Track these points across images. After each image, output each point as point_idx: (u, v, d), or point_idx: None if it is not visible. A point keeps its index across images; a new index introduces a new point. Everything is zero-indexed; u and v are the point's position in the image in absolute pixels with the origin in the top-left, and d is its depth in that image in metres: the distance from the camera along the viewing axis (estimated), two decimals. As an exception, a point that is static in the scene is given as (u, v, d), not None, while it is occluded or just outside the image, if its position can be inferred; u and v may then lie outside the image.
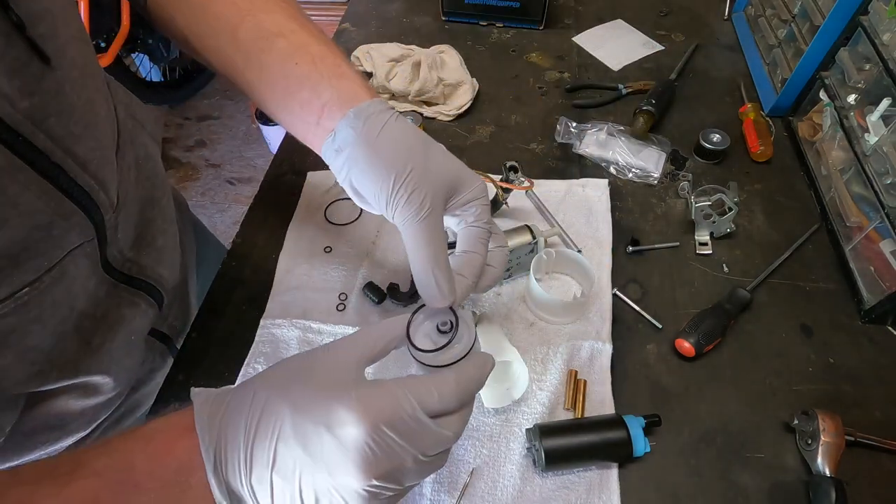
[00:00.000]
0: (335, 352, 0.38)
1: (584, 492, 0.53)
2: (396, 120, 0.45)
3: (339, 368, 0.36)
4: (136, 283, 0.52)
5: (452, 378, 0.37)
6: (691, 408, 0.59)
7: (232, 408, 0.35)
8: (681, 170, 0.81)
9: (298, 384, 0.35)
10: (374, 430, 0.33)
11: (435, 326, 0.42)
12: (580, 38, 1.05)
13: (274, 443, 0.33)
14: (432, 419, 0.35)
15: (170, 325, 0.64)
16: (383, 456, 0.33)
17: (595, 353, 0.62)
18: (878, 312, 0.64)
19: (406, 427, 0.34)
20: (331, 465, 0.32)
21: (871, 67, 0.70)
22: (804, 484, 0.54)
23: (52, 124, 0.38)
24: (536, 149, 0.85)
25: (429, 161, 0.43)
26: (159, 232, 0.56)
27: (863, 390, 0.60)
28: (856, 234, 0.69)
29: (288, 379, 0.36)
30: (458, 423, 0.37)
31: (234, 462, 0.34)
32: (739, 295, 0.65)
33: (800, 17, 0.84)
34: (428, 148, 0.45)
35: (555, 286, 0.68)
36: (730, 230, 0.72)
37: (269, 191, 0.80)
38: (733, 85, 0.94)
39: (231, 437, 0.34)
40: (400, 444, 0.33)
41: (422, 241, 0.42)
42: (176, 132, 2.48)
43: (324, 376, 0.36)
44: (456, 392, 0.36)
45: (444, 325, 0.42)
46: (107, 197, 0.45)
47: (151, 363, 0.63)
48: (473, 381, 0.38)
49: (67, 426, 0.51)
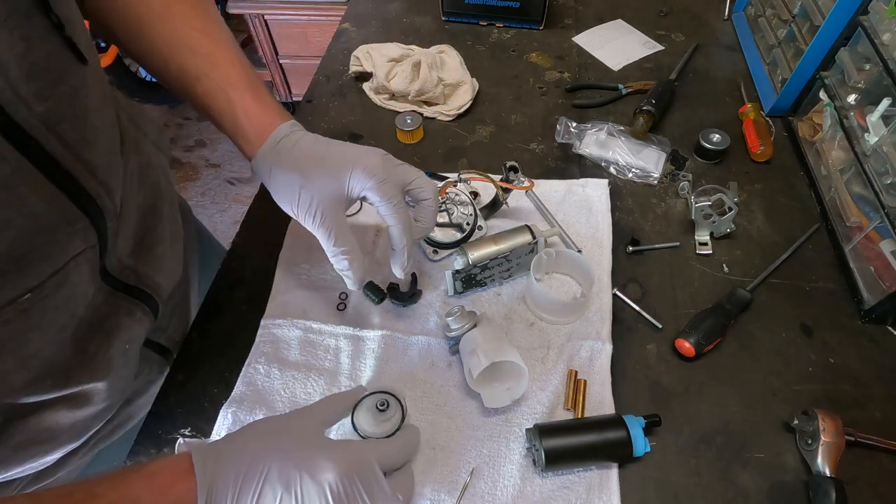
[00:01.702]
0: (306, 417, 0.47)
1: (584, 492, 0.53)
2: (294, 146, 0.54)
3: (309, 429, 0.46)
4: (134, 291, 0.52)
5: (399, 442, 0.50)
6: (691, 408, 0.59)
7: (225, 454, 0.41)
8: (681, 170, 0.81)
9: (285, 437, 0.44)
10: (344, 476, 0.41)
11: (375, 405, 0.52)
12: (580, 38, 1.05)
13: (260, 483, 0.40)
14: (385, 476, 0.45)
15: (168, 337, 0.64)
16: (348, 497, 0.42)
17: (595, 353, 0.62)
18: (878, 312, 0.64)
19: (365, 475, 0.43)
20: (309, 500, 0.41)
21: (871, 67, 0.70)
22: (804, 484, 0.54)
23: (65, 129, 0.38)
24: (536, 149, 0.85)
25: (310, 178, 0.52)
26: (158, 240, 0.56)
27: (863, 390, 0.60)
28: (856, 234, 0.69)
29: (274, 432, 0.44)
30: (404, 483, 0.48)
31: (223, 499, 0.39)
32: (739, 295, 0.65)
33: (800, 17, 0.84)
34: (313, 163, 0.53)
35: (555, 286, 0.68)
36: (730, 230, 0.72)
37: (269, 191, 0.80)
38: (733, 85, 0.94)
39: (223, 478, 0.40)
40: (360, 491, 0.42)
41: (325, 240, 0.53)
42: (176, 132, 2.48)
43: (301, 434, 0.45)
44: (401, 451, 0.49)
45: (381, 404, 0.52)
46: (111, 203, 0.45)
47: (148, 375, 0.62)
48: (412, 445, 0.52)
49: (58, 439, 0.50)
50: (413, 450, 0.52)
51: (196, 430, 0.57)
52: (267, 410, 0.58)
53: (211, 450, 0.42)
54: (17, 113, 0.34)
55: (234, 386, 0.60)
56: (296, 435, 0.44)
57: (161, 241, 0.57)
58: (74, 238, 0.41)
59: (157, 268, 0.55)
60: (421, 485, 0.53)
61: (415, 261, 0.65)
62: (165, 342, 0.63)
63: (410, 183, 0.55)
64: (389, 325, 0.65)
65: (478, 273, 0.65)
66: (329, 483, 0.41)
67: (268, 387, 0.60)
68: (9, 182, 0.34)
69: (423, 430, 0.56)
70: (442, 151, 0.85)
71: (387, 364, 0.61)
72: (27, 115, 0.35)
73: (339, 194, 0.52)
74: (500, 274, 0.67)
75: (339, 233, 0.52)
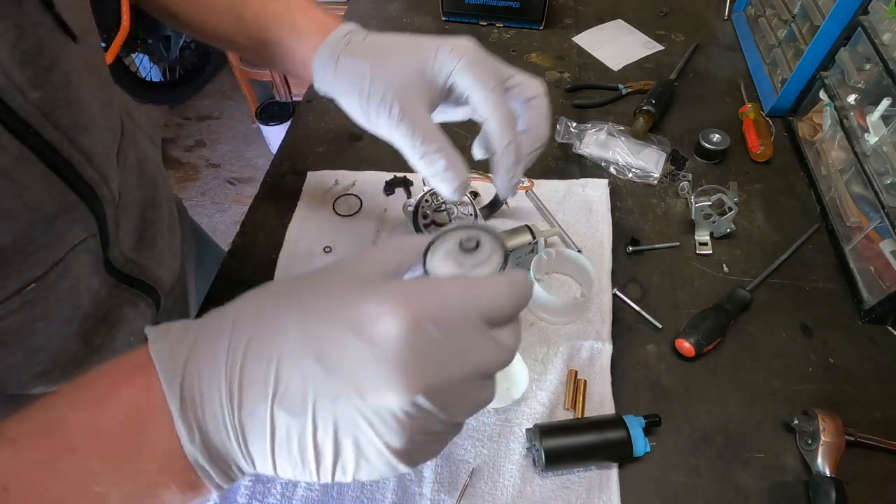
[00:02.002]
0: (349, 263, 0.29)
1: (584, 492, 0.53)
2: (363, 39, 0.44)
3: (359, 273, 0.28)
4: (137, 283, 0.52)
5: (505, 280, 0.28)
6: (691, 408, 0.59)
7: (205, 328, 0.27)
8: (681, 170, 0.81)
9: (307, 290, 0.28)
10: (416, 327, 0.24)
11: (458, 244, 0.35)
12: (580, 38, 1.04)
13: (274, 362, 0.25)
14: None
15: None
16: (429, 364, 0.24)
17: (595, 353, 0.62)
18: (878, 312, 0.64)
19: (456, 328, 0.26)
20: (360, 379, 0.24)
21: (871, 67, 0.70)
22: (804, 484, 0.54)
23: (60, 115, 0.38)
24: (536, 149, 0.85)
25: (384, 63, 0.41)
26: (159, 234, 0.57)
27: (863, 390, 0.60)
28: (856, 234, 0.69)
29: (290, 288, 0.28)
30: (514, 337, 0.29)
31: (212, 397, 0.25)
32: (739, 295, 0.65)
33: (800, 17, 0.84)
34: (387, 50, 0.42)
35: (555, 286, 0.68)
36: (730, 230, 0.72)
37: (269, 191, 0.80)
38: (733, 85, 0.94)
39: (206, 364, 0.25)
40: (449, 350, 0.25)
41: (408, 138, 0.40)
42: (176, 132, 2.48)
43: (340, 281, 0.28)
44: (511, 293, 0.28)
45: (468, 241, 0.34)
46: (109, 191, 0.45)
47: None
48: (526, 287, 0.29)
49: None
50: (525, 294, 0.29)
51: (196, 430, 0.57)
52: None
53: (182, 330, 0.27)
54: (13, 101, 0.34)
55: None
56: (336, 281, 0.28)
57: (161, 235, 0.57)
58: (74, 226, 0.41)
59: (159, 261, 0.56)
60: (420, 485, 0.53)
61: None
62: None
63: (510, 78, 0.43)
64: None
65: (478, 273, 0.65)
66: (394, 337, 0.24)
67: (268, 387, 0.60)
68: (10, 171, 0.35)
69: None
70: (442, 151, 0.85)
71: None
72: (23, 102, 0.34)
73: (421, 79, 0.41)
74: (500, 274, 0.67)
75: (426, 128, 0.40)
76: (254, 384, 0.25)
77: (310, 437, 0.25)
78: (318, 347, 0.25)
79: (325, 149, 0.85)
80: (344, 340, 0.24)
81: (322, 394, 0.24)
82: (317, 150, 0.85)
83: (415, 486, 0.53)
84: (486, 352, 0.27)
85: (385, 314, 0.24)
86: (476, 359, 0.26)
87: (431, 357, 0.25)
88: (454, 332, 0.25)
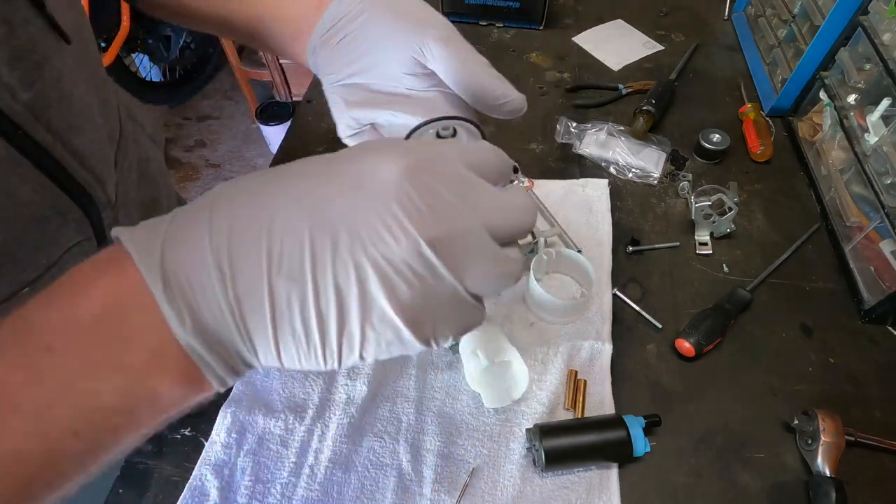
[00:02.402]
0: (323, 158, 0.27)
1: (584, 492, 0.53)
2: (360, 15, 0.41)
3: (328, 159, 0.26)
4: None
5: (488, 145, 0.29)
6: (691, 408, 0.59)
7: (179, 213, 0.25)
8: (681, 170, 0.81)
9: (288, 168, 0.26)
10: (416, 174, 0.24)
11: (435, 134, 0.35)
12: (580, 38, 1.04)
13: (265, 230, 0.23)
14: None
15: None
16: (432, 212, 0.23)
17: (595, 353, 0.62)
18: (878, 312, 0.64)
19: (455, 178, 0.25)
20: (360, 231, 0.23)
21: (871, 67, 0.70)
22: (804, 484, 0.54)
23: (51, 116, 0.37)
24: (536, 149, 0.85)
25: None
26: None
27: (863, 390, 0.60)
28: (856, 234, 0.69)
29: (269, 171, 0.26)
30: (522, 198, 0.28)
31: (199, 276, 0.23)
32: (739, 295, 0.65)
33: (800, 17, 0.84)
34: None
35: (555, 286, 0.68)
36: (730, 230, 0.72)
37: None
38: (733, 85, 0.94)
39: (190, 248, 0.23)
40: (452, 200, 0.24)
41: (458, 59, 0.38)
42: (176, 132, 2.48)
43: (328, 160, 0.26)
44: (495, 156, 0.28)
45: (444, 130, 0.35)
46: (104, 193, 0.44)
47: None
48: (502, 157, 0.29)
49: None
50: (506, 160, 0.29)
51: (196, 430, 0.57)
52: (265, 410, 0.58)
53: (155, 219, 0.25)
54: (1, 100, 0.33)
55: (233, 385, 0.60)
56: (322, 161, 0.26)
57: None
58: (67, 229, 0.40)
59: None
60: (420, 485, 0.53)
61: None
62: None
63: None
64: (389, 324, 0.64)
65: (478, 273, 0.65)
66: (394, 182, 0.23)
67: (266, 386, 0.60)
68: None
69: (423, 431, 0.56)
70: (442, 151, 0.85)
71: (387, 364, 0.61)
72: (11, 102, 0.34)
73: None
74: (500, 274, 0.67)
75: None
76: (245, 256, 0.23)
77: (311, 303, 0.23)
78: (312, 208, 0.23)
79: (325, 149, 0.85)
80: (342, 194, 0.23)
81: (321, 254, 0.23)
82: (317, 150, 0.85)
83: (415, 485, 0.53)
84: (491, 207, 0.25)
85: (382, 164, 0.23)
86: (482, 213, 0.25)
87: (434, 206, 0.23)
88: (454, 181, 0.24)
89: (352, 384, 0.60)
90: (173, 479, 0.54)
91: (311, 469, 0.54)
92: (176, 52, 2.35)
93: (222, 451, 0.55)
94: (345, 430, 0.56)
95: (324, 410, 0.58)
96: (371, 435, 0.56)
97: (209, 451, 0.55)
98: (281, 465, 0.54)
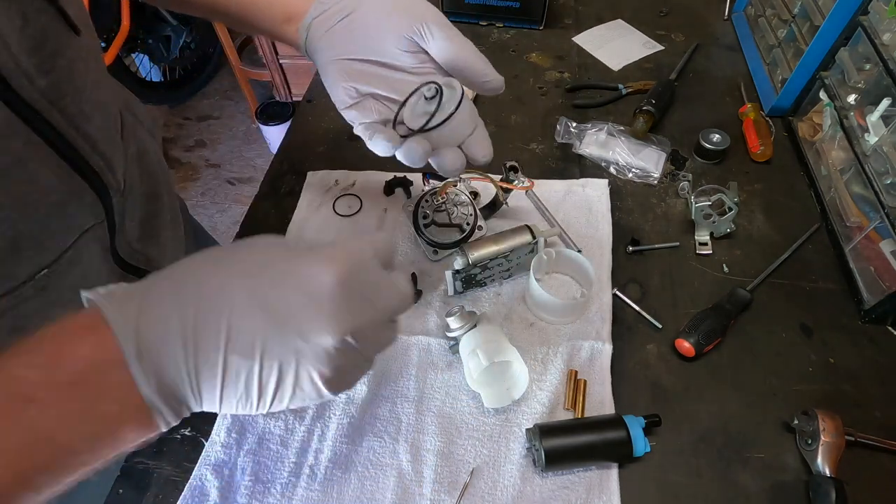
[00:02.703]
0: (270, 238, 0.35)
1: (584, 492, 0.53)
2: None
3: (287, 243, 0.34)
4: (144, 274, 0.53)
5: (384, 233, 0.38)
6: (691, 408, 0.59)
7: (154, 288, 0.30)
8: (681, 170, 0.81)
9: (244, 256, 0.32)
10: (343, 280, 0.31)
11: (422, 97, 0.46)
12: (580, 38, 1.05)
13: (226, 315, 0.29)
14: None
15: None
16: (353, 309, 0.31)
17: (595, 353, 0.62)
18: (878, 312, 0.64)
19: (366, 277, 0.33)
20: (301, 322, 0.29)
21: (871, 67, 0.70)
22: (804, 484, 0.54)
23: (66, 103, 0.39)
24: (536, 149, 0.85)
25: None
26: (163, 226, 0.58)
27: (863, 390, 0.60)
28: (856, 234, 0.69)
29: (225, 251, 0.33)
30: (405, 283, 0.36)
31: (167, 349, 0.28)
32: (739, 295, 0.65)
33: (800, 17, 0.84)
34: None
35: (555, 286, 0.68)
36: (730, 230, 0.72)
37: (269, 191, 0.80)
38: (733, 85, 0.94)
39: (160, 320, 0.28)
40: (366, 297, 0.32)
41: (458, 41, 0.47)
42: (176, 132, 2.48)
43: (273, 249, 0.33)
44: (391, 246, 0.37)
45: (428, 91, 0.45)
46: (114, 179, 0.46)
47: None
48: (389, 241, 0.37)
49: None
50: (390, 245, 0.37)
51: (196, 430, 0.57)
52: (267, 410, 0.58)
53: (128, 293, 0.30)
54: (21, 87, 0.35)
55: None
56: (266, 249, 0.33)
57: (165, 227, 0.58)
58: (83, 212, 0.42)
59: (163, 252, 0.57)
60: (420, 485, 0.53)
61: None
62: None
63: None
64: (389, 324, 0.64)
65: (478, 273, 0.65)
66: (327, 287, 0.30)
67: (268, 387, 0.60)
68: (22, 157, 0.36)
69: (423, 431, 0.56)
70: (442, 151, 0.85)
71: (386, 364, 0.61)
72: (30, 89, 0.36)
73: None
74: (499, 274, 0.67)
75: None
76: (206, 336, 0.28)
77: (256, 376, 0.29)
78: (265, 301, 0.29)
79: (325, 149, 0.85)
80: (288, 294, 0.30)
81: (270, 339, 0.29)
82: (317, 150, 0.85)
83: (415, 485, 0.53)
84: (390, 297, 0.34)
85: (320, 272, 0.30)
86: (384, 303, 0.33)
87: (355, 304, 0.31)
88: (366, 282, 0.32)
89: (352, 384, 0.60)
90: (173, 479, 0.54)
91: (311, 469, 0.54)
92: (176, 52, 2.35)
93: (222, 450, 0.55)
94: (345, 430, 0.56)
95: (324, 410, 0.58)
96: (371, 435, 0.56)
97: (209, 451, 0.55)
98: (281, 465, 0.54)
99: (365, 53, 0.47)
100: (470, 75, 0.48)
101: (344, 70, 0.47)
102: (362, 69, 0.48)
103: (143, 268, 0.53)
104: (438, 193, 0.69)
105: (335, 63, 0.48)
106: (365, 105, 0.49)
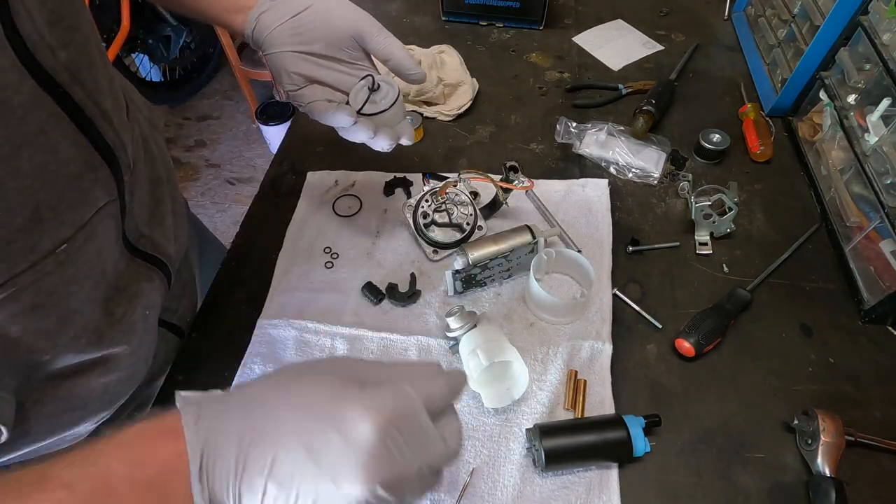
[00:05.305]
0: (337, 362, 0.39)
1: (584, 492, 0.53)
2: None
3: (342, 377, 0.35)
4: (150, 259, 0.55)
5: (444, 380, 0.37)
6: (691, 408, 0.59)
7: (225, 409, 0.33)
8: (681, 170, 0.81)
9: (299, 385, 0.35)
10: (383, 429, 0.32)
11: (368, 87, 0.57)
12: (580, 38, 1.04)
13: (272, 450, 0.31)
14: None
15: (179, 317, 0.66)
16: (392, 460, 0.32)
17: (595, 353, 0.61)
18: (878, 312, 0.64)
19: (411, 428, 0.33)
20: (336, 470, 0.31)
21: (871, 67, 0.69)
22: (804, 484, 0.54)
23: (85, 77, 0.40)
24: (536, 149, 0.85)
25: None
26: (167, 212, 0.59)
27: (863, 390, 0.60)
28: (856, 234, 0.69)
29: (288, 380, 0.35)
30: (456, 438, 0.37)
31: (222, 467, 0.31)
32: (739, 295, 0.65)
33: (800, 17, 0.84)
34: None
35: (555, 286, 0.68)
36: (730, 230, 0.72)
37: (269, 191, 0.80)
38: (733, 85, 0.94)
39: (222, 441, 0.32)
40: (407, 448, 0.32)
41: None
42: (176, 132, 2.48)
43: (328, 383, 0.34)
44: (448, 391, 0.37)
45: (371, 83, 0.57)
46: (126, 156, 0.47)
47: (165, 356, 0.64)
48: (459, 383, 0.39)
49: (88, 406, 0.52)
50: (460, 388, 0.38)
51: (196, 430, 0.57)
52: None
53: (210, 401, 0.34)
54: (45, 59, 0.36)
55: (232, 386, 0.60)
56: (322, 378, 0.35)
57: (169, 213, 0.59)
58: (97, 187, 0.44)
59: (168, 238, 0.58)
60: (421, 485, 0.53)
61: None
62: (178, 321, 0.66)
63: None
64: (388, 325, 0.64)
65: (478, 273, 0.65)
66: (365, 440, 0.31)
67: (267, 387, 0.60)
68: (45, 127, 0.37)
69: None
70: (442, 151, 0.85)
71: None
72: (53, 61, 0.37)
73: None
74: (500, 274, 0.67)
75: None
76: (255, 463, 0.31)
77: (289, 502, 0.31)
78: (309, 441, 0.32)
79: (325, 149, 0.85)
80: (329, 438, 0.31)
81: (307, 477, 0.31)
82: (317, 150, 0.85)
83: (415, 486, 0.53)
84: (434, 451, 0.34)
85: (360, 418, 0.32)
86: (425, 457, 0.33)
87: (392, 456, 0.32)
88: (410, 432, 0.33)
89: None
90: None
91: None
92: (176, 52, 2.34)
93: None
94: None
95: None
96: (371, 435, 0.56)
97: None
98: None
99: (313, 48, 0.55)
100: (400, 69, 0.58)
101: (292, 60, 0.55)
102: (312, 61, 0.56)
103: (150, 253, 0.55)
104: (438, 193, 0.69)
105: (284, 55, 0.55)
106: (313, 88, 0.57)
